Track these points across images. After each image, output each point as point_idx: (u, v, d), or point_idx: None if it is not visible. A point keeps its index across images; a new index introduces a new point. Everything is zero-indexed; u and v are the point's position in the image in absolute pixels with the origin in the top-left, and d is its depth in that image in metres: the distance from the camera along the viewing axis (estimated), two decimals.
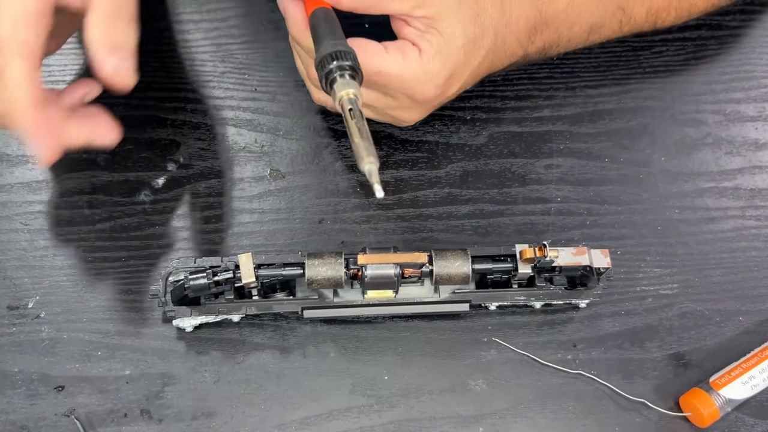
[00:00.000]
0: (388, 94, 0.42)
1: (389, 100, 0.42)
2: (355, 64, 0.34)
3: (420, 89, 0.41)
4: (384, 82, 0.40)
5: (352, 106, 0.33)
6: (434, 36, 0.40)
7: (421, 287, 0.43)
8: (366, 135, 0.32)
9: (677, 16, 0.51)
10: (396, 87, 0.41)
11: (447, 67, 0.41)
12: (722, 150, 0.52)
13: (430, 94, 0.41)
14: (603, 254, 0.43)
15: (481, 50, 0.42)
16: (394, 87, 0.41)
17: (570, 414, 0.42)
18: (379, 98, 0.42)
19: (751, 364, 0.42)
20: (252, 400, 0.42)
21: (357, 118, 0.33)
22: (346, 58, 0.34)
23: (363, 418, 0.41)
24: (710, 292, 0.46)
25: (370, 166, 0.31)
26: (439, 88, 0.41)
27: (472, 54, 0.42)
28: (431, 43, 0.40)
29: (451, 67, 0.41)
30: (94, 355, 0.43)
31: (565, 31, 0.47)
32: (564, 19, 0.46)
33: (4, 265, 0.45)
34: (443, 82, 0.41)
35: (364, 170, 0.31)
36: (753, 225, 0.49)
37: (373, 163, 0.31)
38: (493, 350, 0.44)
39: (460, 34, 0.40)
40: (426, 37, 0.40)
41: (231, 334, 0.43)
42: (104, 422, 0.41)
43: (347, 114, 0.33)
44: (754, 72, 0.55)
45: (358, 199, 0.48)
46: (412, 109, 0.43)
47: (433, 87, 0.41)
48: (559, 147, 0.51)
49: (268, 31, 0.54)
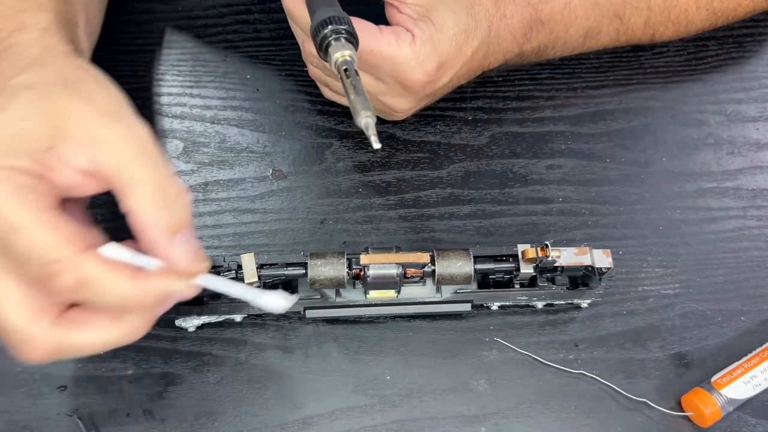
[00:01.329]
0: (380, 78, 0.42)
1: (380, 85, 0.43)
2: (350, 29, 0.34)
3: (410, 74, 0.41)
4: (375, 62, 0.40)
5: (348, 66, 0.33)
6: (426, 24, 0.41)
7: (423, 287, 0.43)
8: (361, 91, 0.32)
9: (675, 31, 0.52)
10: (387, 70, 0.41)
11: (438, 54, 0.41)
12: (724, 150, 0.52)
13: (420, 80, 0.41)
14: (605, 254, 0.43)
15: (473, 41, 0.42)
16: (385, 69, 0.41)
17: (572, 414, 0.42)
18: (371, 82, 0.43)
19: (753, 364, 0.42)
20: (254, 400, 0.42)
21: (352, 77, 0.33)
22: (342, 22, 0.34)
23: (365, 417, 0.41)
24: (712, 292, 0.47)
25: (366, 119, 0.32)
26: (430, 75, 0.41)
27: (464, 44, 0.42)
28: (423, 30, 0.40)
29: (442, 55, 0.41)
30: (97, 354, 0.42)
31: (561, 32, 0.47)
32: (560, 20, 0.46)
33: None
34: (434, 69, 0.41)
35: (361, 124, 0.32)
36: (755, 225, 0.49)
37: (369, 117, 0.32)
38: (495, 350, 0.44)
39: (452, 23, 0.41)
40: (418, 24, 0.41)
41: (233, 334, 0.44)
42: (107, 422, 0.41)
43: (342, 74, 0.33)
44: (755, 72, 0.55)
45: (360, 199, 0.48)
46: (403, 96, 0.43)
47: (423, 73, 0.41)
48: (561, 147, 0.51)
49: (271, 31, 0.54)
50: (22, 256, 0.29)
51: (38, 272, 0.29)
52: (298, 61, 0.49)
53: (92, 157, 0.31)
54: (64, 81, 0.33)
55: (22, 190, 0.29)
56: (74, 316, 0.31)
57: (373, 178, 0.49)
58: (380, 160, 0.50)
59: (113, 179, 0.31)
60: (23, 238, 0.29)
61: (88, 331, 0.31)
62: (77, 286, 0.29)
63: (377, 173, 0.49)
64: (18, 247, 0.29)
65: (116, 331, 0.32)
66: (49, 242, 0.29)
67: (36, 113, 0.31)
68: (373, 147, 0.32)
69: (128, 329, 0.32)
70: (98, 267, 0.30)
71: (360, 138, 0.51)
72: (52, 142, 0.30)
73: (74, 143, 0.31)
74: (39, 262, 0.29)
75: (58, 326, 0.31)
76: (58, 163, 0.30)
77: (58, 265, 0.29)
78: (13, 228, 0.29)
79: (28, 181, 0.29)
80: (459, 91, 0.53)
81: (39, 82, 0.33)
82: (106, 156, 0.31)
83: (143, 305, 0.31)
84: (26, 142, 0.30)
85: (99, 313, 0.32)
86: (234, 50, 0.54)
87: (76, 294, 0.30)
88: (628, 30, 0.50)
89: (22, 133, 0.30)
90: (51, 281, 0.29)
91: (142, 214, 0.31)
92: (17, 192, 0.29)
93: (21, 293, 0.30)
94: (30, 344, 0.30)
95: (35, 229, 0.29)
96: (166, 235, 0.31)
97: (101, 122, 0.31)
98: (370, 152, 0.50)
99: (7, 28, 0.35)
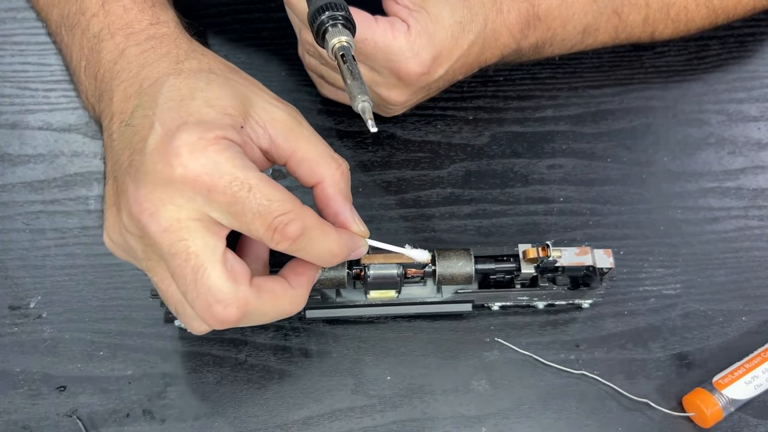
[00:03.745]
0: (374, 69, 0.42)
1: (375, 75, 0.43)
2: (347, 15, 0.34)
3: (405, 64, 0.41)
4: (370, 51, 0.40)
5: (345, 52, 0.33)
6: (422, 14, 0.41)
7: (423, 287, 0.43)
8: (358, 76, 0.33)
9: (675, 29, 0.52)
10: (381, 60, 0.41)
11: (433, 45, 0.41)
12: (725, 150, 0.52)
13: (414, 71, 0.41)
14: (606, 254, 0.43)
15: (469, 34, 0.42)
16: (379, 59, 0.41)
17: (573, 414, 0.42)
18: (365, 73, 0.43)
19: (755, 364, 0.42)
20: (254, 400, 0.42)
21: (349, 62, 0.33)
22: (339, 8, 0.34)
23: (366, 418, 0.41)
24: (713, 292, 0.46)
25: (363, 104, 0.32)
26: (424, 66, 0.41)
27: (460, 36, 0.42)
28: (419, 21, 0.41)
29: (437, 46, 0.41)
30: (96, 355, 0.42)
31: (558, 29, 0.47)
32: (557, 16, 0.46)
33: (5, 265, 0.45)
34: (429, 60, 0.41)
35: (358, 108, 0.32)
36: (756, 225, 0.49)
37: (366, 101, 0.32)
38: (496, 350, 0.44)
39: (448, 15, 0.41)
40: (414, 14, 0.41)
41: (233, 334, 0.43)
42: (106, 422, 0.41)
43: (339, 59, 0.33)
44: (757, 72, 0.55)
45: (360, 199, 0.48)
46: (397, 88, 0.43)
47: (417, 63, 0.41)
48: (562, 147, 0.51)
49: (271, 31, 0.54)
50: (256, 211, 0.31)
51: (267, 224, 0.31)
52: (298, 61, 0.49)
53: (272, 136, 0.34)
54: (227, 69, 0.36)
55: (241, 155, 0.31)
56: (258, 284, 0.33)
57: (374, 177, 0.49)
58: (381, 159, 0.50)
59: (297, 155, 0.34)
60: (258, 193, 0.30)
61: (270, 299, 0.33)
62: (301, 234, 0.31)
63: (378, 173, 0.49)
64: (252, 203, 0.30)
65: (289, 299, 0.34)
66: (281, 196, 0.31)
67: (227, 94, 0.33)
68: (369, 131, 0.32)
69: (297, 299, 0.35)
70: (316, 219, 0.33)
71: (360, 138, 0.50)
72: (243, 120, 0.33)
73: (257, 123, 0.34)
74: (275, 213, 0.31)
75: (252, 290, 0.32)
76: (248, 140, 0.33)
77: (288, 215, 0.31)
78: (248, 186, 0.30)
79: (240, 150, 0.32)
80: (459, 91, 0.53)
81: (214, 68, 0.36)
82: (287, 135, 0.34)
83: (339, 258, 0.34)
84: (229, 119, 0.32)
85: (276, 284, 0.34)
86: (234, 50, 0.53)
87: (294, 244, 0.32)
88: (626, 27, 0.50)
89: (224, 111, 0.32)
90: (279, 232, 0.31)
91: (331, 186, 0.35)
92: (240, 156, 0.31)
93: (223, 255, 0.31)
94: (229, 304, 0.31)
95: (267, 186, 0.31)
96: (349, 205, 0.36)
97: (274, 105, 0.34)
98: (370, 152, 0.50)
99: (145, 20, 0.39)
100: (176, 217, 0.31)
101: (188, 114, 0.32)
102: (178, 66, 0.35)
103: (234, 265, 0.32)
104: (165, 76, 0.34)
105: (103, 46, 0.38)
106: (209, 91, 0.33)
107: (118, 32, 0.38)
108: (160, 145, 0.31)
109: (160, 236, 0.31)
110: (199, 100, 0.32)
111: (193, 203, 0.31)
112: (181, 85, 0.33)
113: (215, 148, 0.31)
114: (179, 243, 0.31)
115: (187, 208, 0.31)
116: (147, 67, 0.36)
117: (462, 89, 0.53)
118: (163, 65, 0.35)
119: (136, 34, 0.38)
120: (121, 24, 0.38)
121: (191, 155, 0.30)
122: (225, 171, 0.30)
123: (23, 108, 0.51)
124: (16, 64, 0.53)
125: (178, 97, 0.33)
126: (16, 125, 0.50)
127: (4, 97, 0.51)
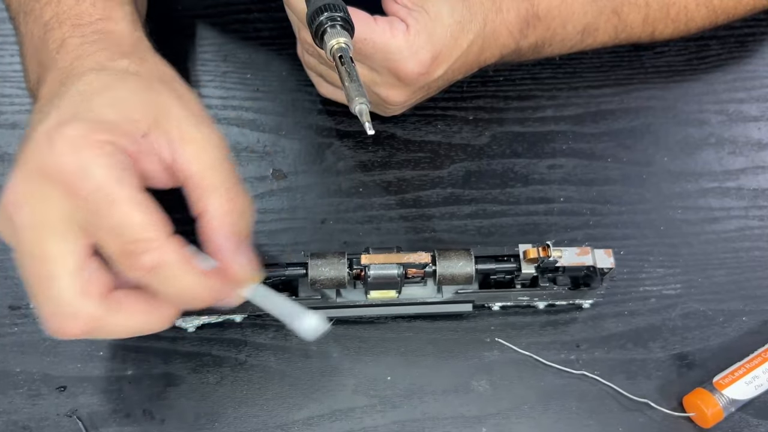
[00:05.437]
0: (373, 68, 0.42)
1: (374, 75, 0.43)
2: (346, 16, 0.34)
3: (404, 64, 0.41)
4: (369, 51, 0.40)
5: (343, 54, 0.33)
6: (421, 14, 0.41)
7: (424, 287, 0.43)
8: (356, 78, 0.33)
9: (675, 29, 0.52)
10: (380, 59, 0.41)
11: (432, 44, 0.41)
12: (725, 150, 0.52)
13: (413, 70, 0.41)
14: (606, 254, 0.43)
15: (469, 34, 0.42)
16: (378, 59, 0.41)
17: (573, 414, 0.42)
18: (364, 72, 0.43)
19: (755, 364, 0.42)
20: (255, 400, 0.42)
21: (347, 64, 0.33)
22: (337, 9, 0.34)
23: (366, 418, 0.41)
24: (714, 292, 0.46)
25: (360, 106, 0.32)
26: (424, 66, 0.41)
27: (459, 36, 0.42)
28: (418, 20, 0.41)
29: (436, 46, 0.41)
30: (96, 355, 0.42)
31: (558, 28, 0.47)
32: (557, 15, 0.46)
33: (5, 264, 0.45)
34: (428, 60, 0.41)
35: (355, 110, 0.32)
36: (756, 225, 0.49)
37: (363, 103, 0.32)
38: (496, 350, 0.44)
39: (447, 14, 0.41)
40: (413, 14, 0.41)
41: (233, 335, 0.43)
42: (106, 422, 0.41)
43: (337, 61, 0.33)
44: (757, 71, 0.55)
45: (360, 199, 0.48)
46: (396, 87, 0.43)
47: (416, 63, 0.41)
48: (562, 147, 0.51)
49: (271, 31, 0.54)
50: (111, 229, 0.29)
51: (121, 247, 0.29)
52: (298, 61, 0.49)
53: (176, 154, 0.32)
54: (160, 76, 0.35)
55: (122, 166, 0.30)
56: (117, 298, 0.32)
57: (374, 177, 0.49)
58: (381, 159, 0.50)
59: (192, 180, 0.32)
60: (118, 211, 0.29)
61: (125, 315, 0.32)
62: (154, 267, 0.30)
63: (378, 173, 0.49)
64: (109, 220, 0.29)
65: (149, 318, 0.33)
66: (142, 221, 0.29)
67: (141, 99, 0.32)
68: (366, 133, 0.32)
69: (159, 318, 0.33)
70: (177, 255, 0.30)
71: (360, 137, 0.50)
72: (148, 130, 0.32)
73: (165, 136, 0.32)
74: (128, 238, 0.29)
75: (103, 305, 0.31)
76: (147, 150, 0.32)
77: (145, 244, 0.29)
78: (110, 200, 0.29)
79: (126, 160, 0.30)
80: (459, 91, 0.53)
81: (141, 71, 0.35)
82: (190, 157, 0.32)
83: (199, 301, 0.32)
84: (130, 124, 0.31)
85: (138, 299, 0.32)
86: (234, 50, 0.53)
87: (147, 275, 0.30)
88: (626, 27, 0.50)
89: (127, 115, 0.31)
90: (131, 258, 0.29)
91: (215, 219, 0.32)
92: (118, 166, 0.30)
93: (78, 264, 0.30)
94: (73, 317, 0.30)
95: (131, 206, 0.29)
96: (233, 242, 0.33)
97: (191, 123, 0.33)
98: (370, 152, 0.50)
99: (95, 14, 0.38)
100: (42, 214, 0.30)
101: (88, 110, 0.31)
102: (106, 63, 0.35)
103: (91, 277, 0.30)
104: (88, 70, 0.34)
105: (50, 35, 0.38)
106: (121, 91, 0.32)
107: (66, 22, 0.38)
108: (45, 133, 0.30)
109: (22, 232, 0.30)
110: (105, 99, 0.32)
111: (62, 202, 0.30)
112: (96, 81, 0.33)
113: (94, 151, 0.29)
114: (38, 244, 0.30)
115: (56, 206, 0.30)
116: (79, 60, 0.35)
117: (462, 89, 0.53)
118: (93, 60, 0.35)
119: (83, 27, 0.37)
120: (71, 14, 0.38)
121: (66, 150, 0.29)
122: (93, 177, 0.29)
123: (23, 108, 0.51)
124: (16, 64, 0.52)
125: (88, 91, 0.32)
126: (16, 125, 0.50)
127: (4, 97, 0.51)
